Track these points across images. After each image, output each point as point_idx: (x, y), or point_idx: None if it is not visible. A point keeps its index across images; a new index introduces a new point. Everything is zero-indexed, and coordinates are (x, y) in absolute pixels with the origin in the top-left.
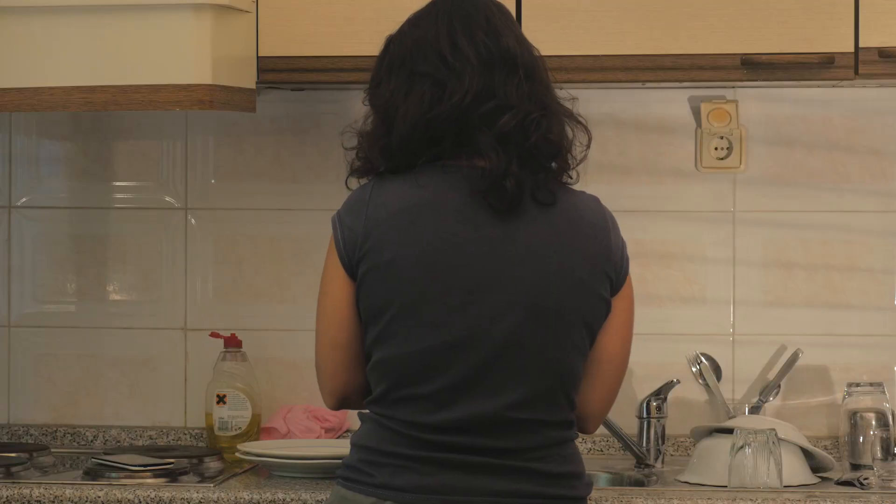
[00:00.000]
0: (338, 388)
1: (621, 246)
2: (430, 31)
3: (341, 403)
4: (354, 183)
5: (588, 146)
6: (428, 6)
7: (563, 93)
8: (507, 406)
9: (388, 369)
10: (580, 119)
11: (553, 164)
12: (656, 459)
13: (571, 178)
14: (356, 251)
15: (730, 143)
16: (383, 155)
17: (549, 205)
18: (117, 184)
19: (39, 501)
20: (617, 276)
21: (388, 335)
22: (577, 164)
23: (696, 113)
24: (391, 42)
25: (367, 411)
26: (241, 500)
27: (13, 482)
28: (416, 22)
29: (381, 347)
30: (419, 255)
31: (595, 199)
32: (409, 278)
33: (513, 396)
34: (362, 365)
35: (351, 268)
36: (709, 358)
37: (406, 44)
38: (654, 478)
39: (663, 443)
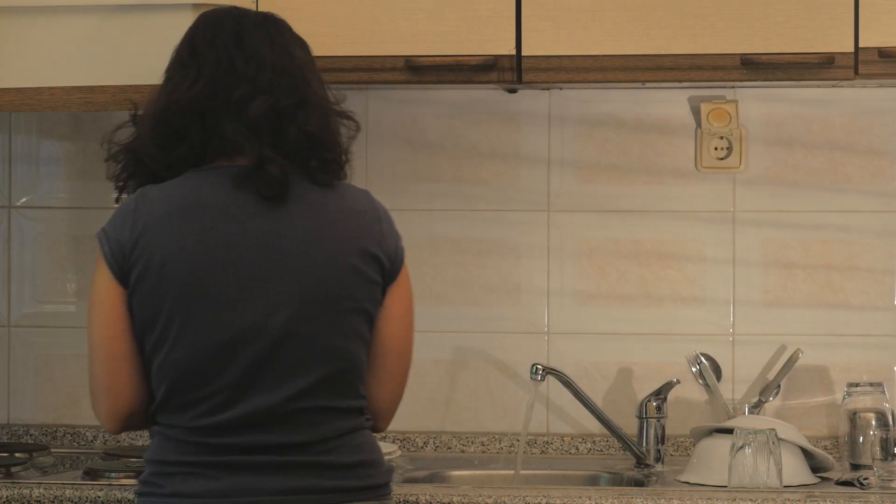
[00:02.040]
0: (121, 406)
1: (395, 236)
2: (178, 45)
3: (125, 423)
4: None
5: (354, 136)
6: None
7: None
8: (289, 398)
9: (166, 374)
10: (347, 112)
11: (320, 157)
12: (656, 459)
13: (345, 172)
14: (126, 260)
15: (730, 143)
16: (132, 153)
17: (316, 195)
18: None
19: (39, 501)
20: (391, 264)
21: (163, 339)
22: (345, 157)
23: (696, 113)
24: None
25: (156, 427)
26: None
27: (13, 482)
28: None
29: (159, 353)
30: (187, 256)
31: (366, 192)
32: (179, 280)
33: (294, 388)
34: (144, 379)
35: (122, 278)
36: (709, 358)
37: (171, 57)
38: (654, 478)
39: (663, 443)
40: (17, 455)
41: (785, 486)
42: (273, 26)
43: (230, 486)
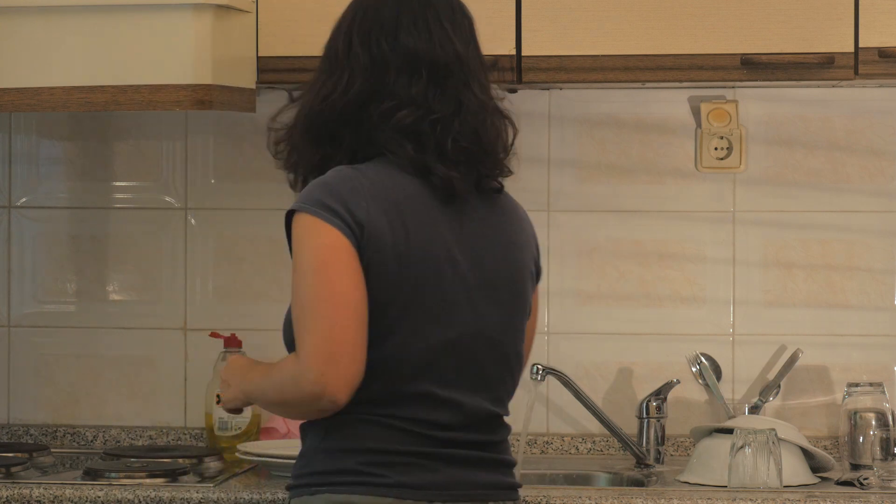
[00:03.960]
0: (357, 373)
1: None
2: (337, 28)
3: (352, 393)
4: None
5: (512, 143)
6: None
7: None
8: (492, 401)
9: (389, 366)
10: (507, 114)
11: (484, 165)
12: (656, 459)
13: (502, 176)
14: (361, 235)
15: (730, 143)
16: (290, 144)
17: (497, 201)
18: (117, 184)
19: (39, 501)
20: (539, 270)
21: (390, 331)
22: (506, 159)
23: (696, 113)
24: None
25: (366, 415)
26: (241, 501)
27: (13, 482)
28: (340, 16)
29: (381, 344)
30: (420, 249)
31: (511, 197)
32: (412, 273)
33: (495, 391)
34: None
35: (359, 250)
36: (709, 358)
37: (330, 37)
38: (654, 478)
39: (663, 443)
40: (17, 455)
41: (785, 486)
42: (433, 12)
43: (448, 479)
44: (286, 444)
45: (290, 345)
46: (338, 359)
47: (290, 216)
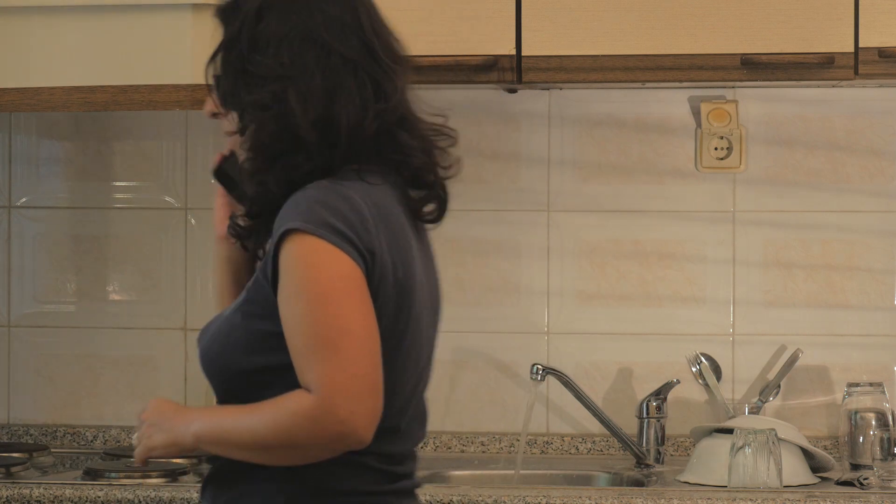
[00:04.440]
0: (381, 409)
1: None
2: (346, 13)
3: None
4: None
5: (451, 166)
6: None
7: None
8: (423, 425)
9: None
10: (449, 133)
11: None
12: (656, 459)
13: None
14: (372, 266)
15: (730, 143)
16: (295, 142)
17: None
18: (117, 184)
19: (39, 501)
20: None
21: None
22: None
23: (696, 113)
24: (275, 6)
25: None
26: None
27: (13, 482)
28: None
29: None
30: (407, 277)
31: None
32: (405, 303)
33: (425, 415)
34: None
35: (368, 279)
36: (709, 358)
37: (312, 17)
38: (654, 478)
39: (663, 443)
40: (17, 455)
41: (785, 486)
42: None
43: None
44: None
45: (220, 373)
46: (365, 396)
47: (284, 234)
